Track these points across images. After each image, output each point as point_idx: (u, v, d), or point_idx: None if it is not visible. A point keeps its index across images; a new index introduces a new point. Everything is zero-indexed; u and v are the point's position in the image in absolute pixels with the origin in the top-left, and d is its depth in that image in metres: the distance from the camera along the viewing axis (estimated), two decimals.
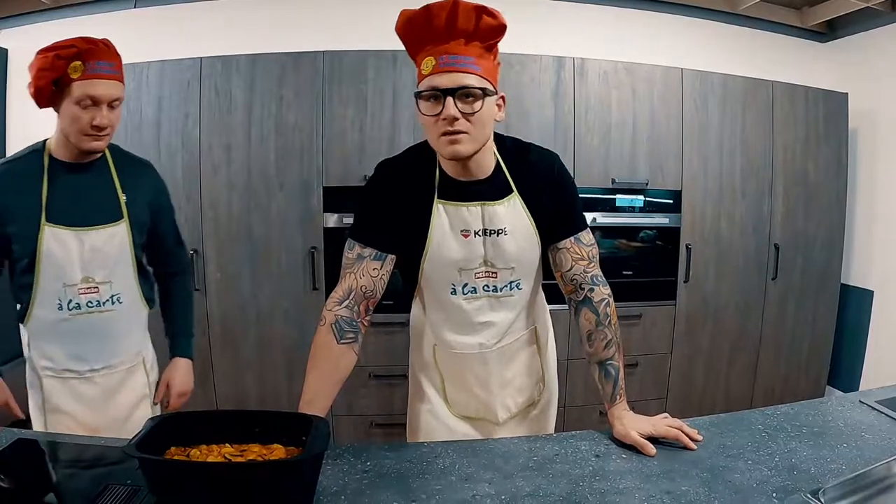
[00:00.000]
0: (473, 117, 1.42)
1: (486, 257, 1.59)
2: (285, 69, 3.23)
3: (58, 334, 1.77)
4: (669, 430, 1.45)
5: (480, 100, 1.42)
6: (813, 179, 3.82)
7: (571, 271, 1.62)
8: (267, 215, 3.26)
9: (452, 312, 1.64)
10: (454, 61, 1.40)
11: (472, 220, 1.56)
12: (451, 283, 1.61)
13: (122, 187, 1.82)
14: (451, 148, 1.44)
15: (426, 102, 1.44)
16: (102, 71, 1.63)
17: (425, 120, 1.46)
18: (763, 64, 4.15)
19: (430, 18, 1.41)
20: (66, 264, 1.72)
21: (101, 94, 1.63)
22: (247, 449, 1.24)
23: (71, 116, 1.64)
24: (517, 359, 1.73)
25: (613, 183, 3.49)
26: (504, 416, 1.73)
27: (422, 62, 1.44)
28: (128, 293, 1.85)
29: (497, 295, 1.63)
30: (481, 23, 1.41)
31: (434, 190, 1.56)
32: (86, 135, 1.66)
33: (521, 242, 1.59)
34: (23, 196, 1.69)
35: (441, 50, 1.41)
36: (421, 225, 1.56)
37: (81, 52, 1.62)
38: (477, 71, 1.41)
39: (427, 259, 1.58)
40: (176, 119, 3.19)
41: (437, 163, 1.57)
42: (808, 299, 3.93)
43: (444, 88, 1.40)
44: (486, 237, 1.57)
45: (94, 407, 1.83)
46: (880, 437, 1.47)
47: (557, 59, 3.39)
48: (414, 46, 1.47)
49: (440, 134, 1.43)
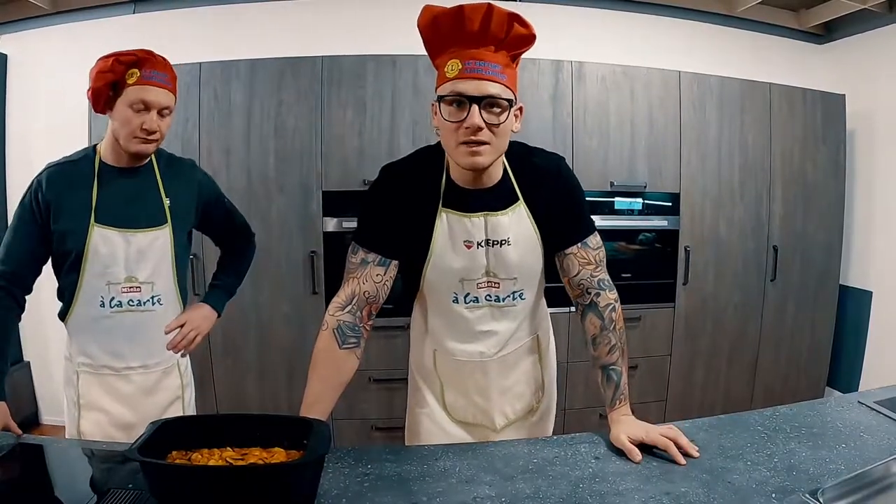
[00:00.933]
0: (497, 129, 1.39)
1: (489, 268, 1.57)
2: (284, 74, 3.24)
3: (98, 331, 1.83)
4: (660, 438, 1.41)
5: (506, 111, 1.39)
6: (811, 181, 3.84)
7: (578, 276, 1.60)
8: (266, 219, 3.26)
9: (454, 320, 1.63)
10: (482, 68, 1.36)
11: (475, 231, 1.54)
12: (454, 291, 1.59)
13: (166, 191, 1.89)
14: (471, 159, 1.40)
15: (449, 107, 1.39)
16: (156, 79, 1.73)
17: (445, 126, 1.41)
18: (761, 66, 4.17)
19: (463, 20, 1.36)
20: (112, 263, 1.79)
21: (152, 100, 1.72)
22: (248, 452, 1.24)
23: (123, 119, 1.73)
24: (518, 367, 1.71)
25: (612, 186, 3.50)
26: (502, 423, 1.72)
27: (445, 64, 1.39)
28: (167, 295, 1.91)
29: (500, 305, 1.61)
30: (513, 31, 1.38)
31: (439, 197, 1.54)
32: (135, 137, 1.74)
33: (525, 252, 1.57)
34: (75, 195, 1.77)
35: (469, 54, 1.36)
36: (424, 233, 1.55)
37: (139, 61, 1.72)
38: (503, 80, 1.38)
39: (429, 267, 1.57)
40: (176, 123, 3.15)
41: (445, 169, 1.55)
42: (806, 301, 3.94)
43: (471, 96, 1.35)
44: (488, 248, 1.55)
45: (128, 404, 1.88)
46: (879, 437, 1.47)
47: (556, 62, 3.41)
48: (437, 46, 1.42)
49: (460, 142, 1.39)
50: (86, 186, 1.79)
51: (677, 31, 4.22)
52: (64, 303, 1.85)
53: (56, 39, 3.81)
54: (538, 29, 1.47)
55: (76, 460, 1.49)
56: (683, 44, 4.19)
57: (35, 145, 3.82)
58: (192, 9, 3.83)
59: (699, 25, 4.26)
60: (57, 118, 3.68)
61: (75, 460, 1.49)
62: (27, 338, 3.89)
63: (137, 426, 1.83)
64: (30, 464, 1.44)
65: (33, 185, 1.77)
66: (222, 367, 3.34)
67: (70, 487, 1.36)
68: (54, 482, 1.40)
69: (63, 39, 3.79)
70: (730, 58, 4.18)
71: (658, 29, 4.19)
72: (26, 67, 3.86)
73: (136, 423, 1.85)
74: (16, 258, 1.77)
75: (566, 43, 3.92)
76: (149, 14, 3.82)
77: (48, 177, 1.77)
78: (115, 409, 1.87)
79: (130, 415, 1.88)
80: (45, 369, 3.95)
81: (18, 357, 3.90)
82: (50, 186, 1.76)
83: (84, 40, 3.69)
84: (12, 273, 1.75)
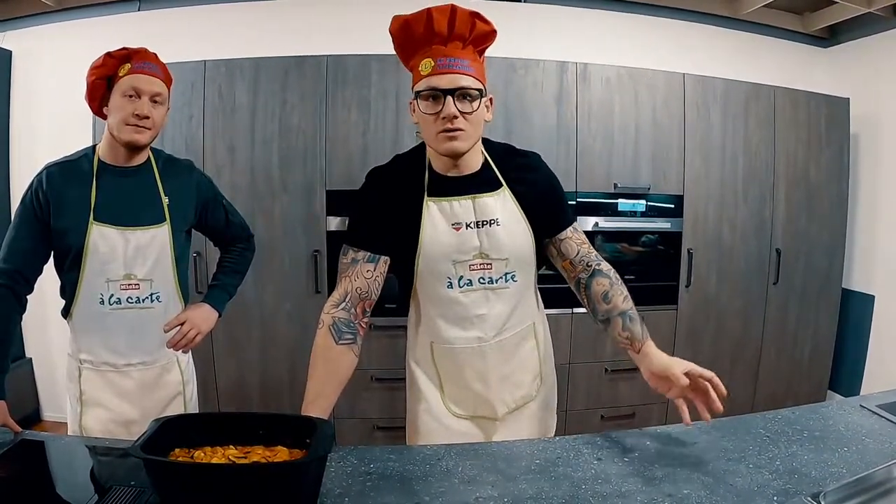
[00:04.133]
0: (471, 116, 1.53)
1: (482, 249, 1.63)
2: (289, 73, 3.24)
3: (98, 328, 1.85)
4: (706, 371, 1.49)
5: (477, 100, 1.53)
6: (814, 184, 3.83)
7: (578, 255, 1.71)
8: (270, 218, 3.27)
9: (449, 307, 1.67)
10: (452, 63, 1.51)
11: (464, 212, 1.62)
12: (447, 276, 1.64)
13: (165, 190, 1.91)
14: (449, 144, 1.54)
15: (426, 101, 1.54)
16: (147, 69, 1.81)
17: (423, 118, 1.55)
18: (765, 69, 4.17)
19: (431, 22, 1.50)
20: (111, 260, 1.82)
21: (143, 87, 1.78)
22: (251, 451, 1.25)
23: (116, 107, 1.79)
24: (516, 354, 1.75)
25: (616, 187, 3.50)
26: (503, 411, 1.75)
27: (419, 64, 1.54)
28: (166, 293, 1.93)
29: (493, 287, 1.66)
30: (476, 28, 1.53)
31: (424, 189, 1.63)
32: (127, 125, 1.78)
33: (514, 233, 1.65)
34: (75, 193, 1.80)
35: (439, 52, 1.52)
36: (412, 223, 1.62)
37: (130, 55, 1.81)
38: (472, 73, 1.52)
39: (421, 255, 1.63)
40: (180, 121, 3.20)
41: (427, 163, 1.65)
42: (809, 304, 3.94)
43: (444, 88, 1.50)
44: (479, 229, 1.63)
45: (129, 401, 1.90)
46: (881, 441, 1.47)
47: (560, 63, 3.41)
48: (409, 49, 1.58)
49: (438, 131, 1.53)
50: (85, 184, 1.81)
51: (682, 34, 4.22)
52: (66, 300, 1.87)
53: (61, 36, 3.82)
54: (543, 30, 1.52)
55: (78, 457, 1.49)
56: (688, 46, 4.19)
57: (39, 142, 3.83)
58: (197, 7, 3.83)
59: (704, 28, 4.26)
60: (61, 115, 3.68)
61: (77, 457, 1.49)
62: (29, 334, 3.90)
63: (139, 422, 1.85)
64: (31, 460, 1.44)
65: (34, 184, 1.79)
66: (224, 364, 3.34)
67: (72, 484, 1.37)
68: (56, 479, 1.40)
69: (68, 36, 3.80)
70: (734, 60, 4.18)
71: (662, 31, 4.19)
72: (31, 64, 3.87)
73: (138, 420, 1.87)
74: (18, 256, 1.78)
75: (571, 44, 3.92)
76: (154, 11, 3.83)
77: (48, 175, 1.79)
78: (116, 405, 1.89)
79: (132, 411, 1.90)
80: (46, 366, 3.96)
81: (20, 353, 3.91)
82: (50, 185, 1.78)
83: (89, 37, 3.69)
84: (14, 271, 1.76)
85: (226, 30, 3.80)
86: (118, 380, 1.89)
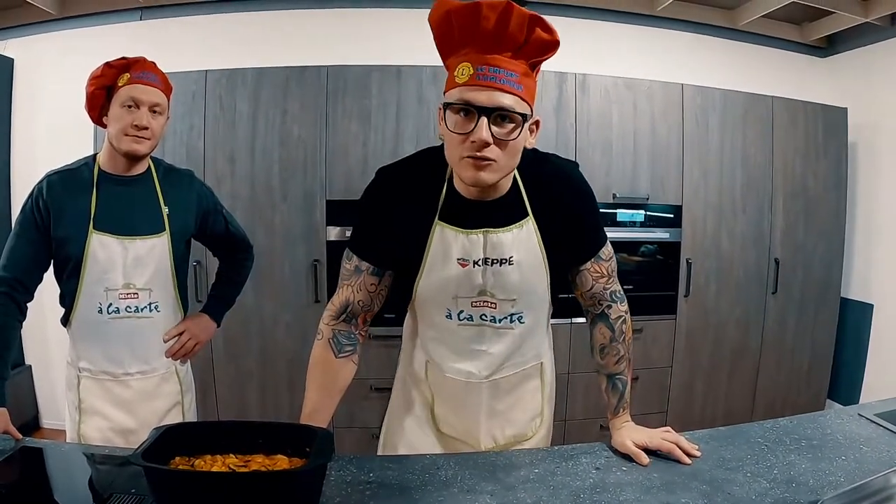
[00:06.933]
0: (507, 145, 1.26)
1: (485, 287, 1.46)
2: (290, 83, 3.26)
3: (96, 337, 1.86)
4: (663, 443, 1.44)
5: (519, 126, 1.26)
6: (813, 194, 3.85)
7: (591, 290, 1.56)
8: (270, 228, 3.28)
9: (446, 335, 1.55)
10: (496, 75, 1.22)
11: (472, 248, 1.43)
12: (447, 307, 1.50)
13: (165, 200, 1.92)
14: (473, 174, 1.28)
15: (455, 116, 1.26)
16: (146, 79, 1.81)
17: (450, 137, 1.28)
18: (763, 79, 4.19)
19: (478, 18, 1.22)
20: (110, 269, 1.82)
21: (142, 97, 1.79)
22: (251, 459, 1.25)
23: (115, 117, 1.80)
24: (513, 393, 1.61)
25: (614, 197, 3.51)
26: (488, 444, 1.62)
27: (455, 67, 1.26)
28: (166, 302, 1.94)
29: (495, 326, 1.51)
30: (534, 35, 1.25)
31: (437, 209, 1.43)
32: (126, 135, 1.79)
33: (528, 273, 1.47)
34: (75, 202, 1.81)
35: (482, 59, 1.23)
36: (418, 245, 1.45)
37: (129, 65, 1.81)
38: (519, 91, 1.24)
39: (421, 280, 1.48)
40: (181, 131, 3.21)
41: (447, 177, 1.44)
42: (808, 313, 3.94)
43: (480, 106, 1.22)
44: (486, 266, 1.44)
45: (127, 410, 1.90)
46: (879, 449, 1.48)
47: (559, 74, 3.42)
48: (448, 45, 1.29)
49: (464, 156, 1.27)
50: (85, 193, 1.82)
51: (680, 44, 4.25)
52: (65, 308, 1.87)
53: (62, 45, 3.84)
54: None
55: (77, 465, 1.49)
56: (686, 57, 4.21)
57: (40, 149, 3.84)
58: (199, 17, 3.85)
59: (702, 38, 4.28)
60: (62, 123, 3.69)
61: (76, 465, 1.49)
62: (29, 341, 3.90)
63: (137, 432, 1.86)
64: (31, 468, 1.44)
65: (34, 192, 1.80)
66: (224, 374, 3.34)
67: (71, 492, 1.37)
68: (56, 487, 1.40)
69: (70, 45, 3.81)
70: (732, 71, 4.20)
71: (661, 42, 4.22)
72: (32, 72, 3.88)
73: (136, 429, 1.88)
74: (18, 264, 1.79)
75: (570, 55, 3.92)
76: (155, 21, 3.85)
77: (49, 184, 1.80)
78: (115, 414, 1.89)
79: (130, 420, 1.90)
80: (46, 373, 3.95)
81: (20, 360, 3.90)
82: (50, 193, 1.79)
83: (90, 46, 3.69)
84: (14, 279, 1.77)
85: (227, 40, 3.82)
86: (117, 389, 1.89)
